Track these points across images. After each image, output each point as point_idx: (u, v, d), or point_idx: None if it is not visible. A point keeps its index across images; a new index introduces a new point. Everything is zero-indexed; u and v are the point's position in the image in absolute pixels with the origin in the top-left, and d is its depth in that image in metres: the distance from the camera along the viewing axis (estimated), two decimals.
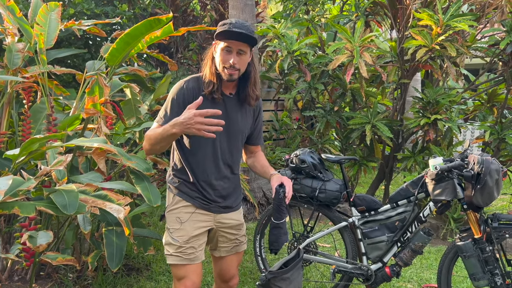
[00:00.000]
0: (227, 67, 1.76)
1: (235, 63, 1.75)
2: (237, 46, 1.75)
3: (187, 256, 1.82)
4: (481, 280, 2.23)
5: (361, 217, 2.58)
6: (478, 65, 7.53)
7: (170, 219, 1.90)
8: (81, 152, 2.78)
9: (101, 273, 2.88)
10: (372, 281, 2.53)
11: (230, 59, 1.74)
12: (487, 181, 2.12)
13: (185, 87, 1.81)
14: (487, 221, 2.25)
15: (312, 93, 4.24)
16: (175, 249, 1.83)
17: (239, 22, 1.76)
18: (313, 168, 2.64)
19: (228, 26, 1.73)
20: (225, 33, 1.73)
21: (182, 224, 1.85)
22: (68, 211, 1.86)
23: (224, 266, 2.02)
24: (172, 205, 1.91)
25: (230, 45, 1.74)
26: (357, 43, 3.59)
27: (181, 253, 1.82)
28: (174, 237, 1.84)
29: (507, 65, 3.76)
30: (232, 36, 1.72)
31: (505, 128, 3.82)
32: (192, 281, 1.83)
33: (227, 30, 1.72)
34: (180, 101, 1.79)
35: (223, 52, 1.76)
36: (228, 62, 1.75)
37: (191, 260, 1.83)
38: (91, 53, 5.22)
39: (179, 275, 1.85)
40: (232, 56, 1.74)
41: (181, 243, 1.83)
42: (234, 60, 1.75)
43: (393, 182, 5.01)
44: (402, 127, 4.16)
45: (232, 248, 2.01)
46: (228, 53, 1.75)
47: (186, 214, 1.86)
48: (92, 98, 2.63)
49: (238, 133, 1.91)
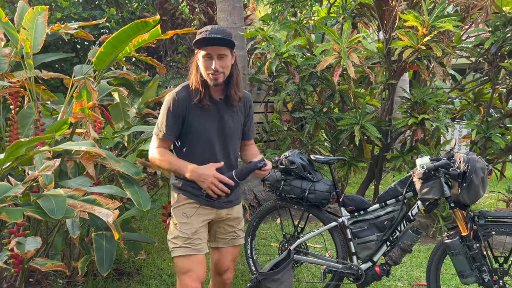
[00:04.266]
0: (211, 73, 1.82)
1: (217, 68, 1.81)
2: (216, 51, 1.81)
3: (195, 247, 1.91)
4: (469, 277, 2.26)
5: (350, 217, 2.60)
6: (465, 65, 7.62)
7: (176, 214, 1.98)
8: (69, 157, 2.77)
9: (92, 278, 2.86)
10: (363, 280, 2.54)
11: (212, 65, 1.81)
12: (473, 179, 2.15)
13: (178, 98, 1.88)
14: (474, 218, 2.28)
15: (301, 94, 4.27)
16: (184, 241, 1.91)
17: (214, 28, 1.83)
18: (302, 169, 2.66)
19: (205, 33, 1.80)
20: (202, 41, 1.80)
21: (188, 218, 1.94)
22: (55, 215, 1.85)
23: (220, 258, 2.09)
24: (177, 202, 2.00)
25: (209, 51, 1.80)
26: (345, 44, 3.62)
27: (190, 244, 1.91)
28: (182, 230, 1.92)
29: (492, 65, 3.82)
30: (209, 42, 1.79)
31: (491, 127, 3.88)
32: (198, 274, 1.90)
33: (204, 38, 1.79)
34: (174, 113, 1.88)
35: (205, 59, 1.82)
36: (211, 68, 1.81)
37: (199, 251, 1.92)
38: (79, 57, 5.20)
39: (185, 268, 1.91)
40: (213, 62, 1.81)
41: (189, 235, 1.91)
42: (216, 65, 1.81)
43: (383, 181, 5.05)
44: (390, 127, 4.20)
45: (230, 240, 2.09)
46: (209, 59, 1.81)
47: (192, 209, 1.96)
48: (80, 102, 2.62)
49: (233, 134, 2.00)
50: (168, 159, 1.89)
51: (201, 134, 1.92)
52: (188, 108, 1.88)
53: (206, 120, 1.91)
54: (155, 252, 3.54)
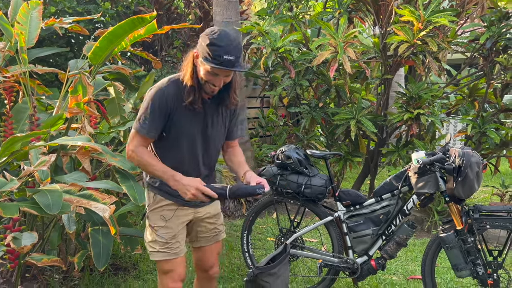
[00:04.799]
0: (209, 84, 1.71)
1: (220, 86, 1.72)
2: (225, 73, 1.69)
3: (173, 251, 1.87)
4: (463, 271, 2.29)
5: (346, 212, 2.62)
6: (460, 60, 7.65)
7: (153, 217, 1.90)
8: (65, 152, 2.75)
9: (88, 273, 2.86)
10: (358, 274, 2.56)
11: (214, 81, 1.70)
12: (468, 173, 2.16)
13: (166, 95, 1.75)
14: (468, 212, 2.30)
15: (297, 89, 4.27)
16: (162, 245, 1.86)
17: (228, 41, 1.64)
18: (298, 164, 2.66)
19: (219, 52, 1.61)
20: (215, 62, 1.63)
21: (167, 222, 1.88)
22: (52, 211, 1.84)
23: (204, 256, 2.06)
24: (154, 204, 1.91)
25: (217, 72, 1.67)
26: (341, 39, 3.62)
27: (167, 248, 1.86)
28: (159, 234, 1.86)
29: (487, 60, 3.83)
30: (224, 65, 1.63)
31: (486, 122, 3.90)
32: (178, 273, 1.89)
33: (218, 61, 1.62)
34: (160, 110, 1.75)
35: (209, 73, 1.68)
36: (212, 83, 1.70)
37: (177, 254, 1.88)
38: (74, 52, 5.16)
39: (166, 269, 1.88)
40: (218, 80, 1.70)
41: (167, 239, 1.86)
42: (220, 84, 1.72)
43: (378, 176, 5.08)
44: (386, 122, 4.21)
45: (213, 237, 2.05)
46: (214, 76, 1.69)
47: (170, 212, 1.89)
48: (76, 97, 2.61)
49: (216, 135, 1.91)
50: (149, 162, 1.77)
51: (184, 132, 1.82)
52: (176, 106, 1.75)
53: (191, 119, 1.81)
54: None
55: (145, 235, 1.94)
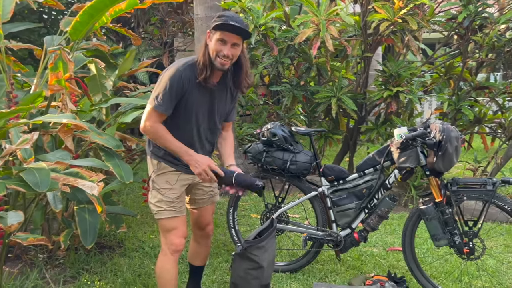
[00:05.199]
0: (220, 57, 1.86)
1: (229, 55, 1.86)
2: (232, 39, 1.85)
3: (179, 209, 2.04)
4: (441, 240, 2.40)
5: (330, 187, 2.68)
6: (434, 39, 7.80)
7: (159, 181, 2.04)
8: (45, 130, 2.70)
9: (73, 252, 2.85)
10: (342, 246, 2.65)
11: (224, 50, 1.85)
12: (448, 148, 2.25)
13: (183, 77, 1.89)
14: (447, 185, 2.40)
15: (279, 67, 4.27)
16: (168, 204, 2.01)
17: (235, 15, 1.87)
18: (284, 141, 2.70)
19: (225, 18, 1.83)
20: (222, 26, 1.83)
21: (172, 186, 2.03)
22: (40, 188, 1.82)
23: (201, 216, 2.25)
24: (159, 169, 2.04)
25: (225, 37, 1.85)
26: (323, 17, 3.63)
27: (174, 207, 2.02)
28: (166, 195, 2.02)
29: (463, 39, 3.93)
30: (229, 29, 1.83)
31: (461, 99, 4.03)
32: (182, 230, 2.06)
33: (224, 23, 1.82)
34: (177, 90, 1.89)
35: (218, 42, 1.86)
36: (222, 52, 1.86)
37: (182, 213, 2.06)
38: (47, 28, 4.99)
39: (171, 227, 2.03)
40: (226, 48, 1.86)
41: (173, 199, 2.03)
42: (228, 52, 1.86)
43: (357, 154, 5.19)
44: (365, 100, 4.29)
45: (208, 199, 2.23)
46: (223, 44, 1.86)
47: (174, 176, 2.04)
48: (56, 74, 2.54)
49: (220, 115, 2.10)
50: (166, 138, 1.93)
51: (194, 111, 1.97)
52: (190, 88, 1.91)
53: (202, 99, 1.97)
54: (135, 226, 3.55)
55: (150, 197, 2.07)
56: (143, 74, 5.55)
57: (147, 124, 1.93)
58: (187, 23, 6.04)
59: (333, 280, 2.70)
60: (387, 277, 2.69)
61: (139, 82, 5.62)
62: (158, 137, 1.94)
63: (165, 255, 2.05)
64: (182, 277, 2.66)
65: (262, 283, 2.21)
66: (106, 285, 2.59)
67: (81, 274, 2.70)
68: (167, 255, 2.05)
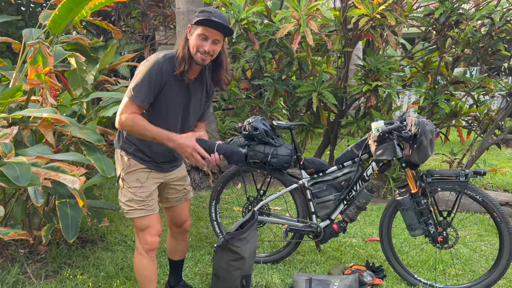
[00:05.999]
0: (200, 52, 1.85)
1: (210, 51, 1.85)
2: (213, 35, 1.84)
3: (150, 208, 2.01)
4: (417, 230, 2.49)
5: (310, 179, 2.74)
6: (414, 34, 7.95)
7: (129, 179, 2.01)
8: (25, 125, 2.67)
9: (55, 247, 2.85)
10: (322, 237, 2.72)
11: (205, 46, 1.84)
12: (423, 141, 2.33)
13: (162, 69, 1.86)
14: (422, 177, 2.48)
15: (260, 62, 4.30)
16: (139, 203, 1.99)
17: (217, 12, 1.85)
18: (265, 135, 2.74)
19: (208, 14, 1.82)
20: (204, 21, 1.82)
21: (143, 184, 2.01)
22: (20, 182, 1.82)
23: (177, 214, 2.25)
24: (129, 167, 2.01)
25: (207, 33, 1.83)
26: (304, 12, 3.67)
27: (145, 205, 2.00)
28: (137, 193, 1.99)
29: (440, 34, 4.03)
30: (211, 25, 1.82)
31: (438, 93, 4.13)
32: (156, 229, 2.03)
33: (206, 19, 1.81)
34: (155, 83, 1.86)
35: (199, 37, 1.84)
36: (203, 48, 1.84)
37: (153, 211, 2.03)
38: (25, 21, 4.90)
39: (144, 226, 2.01)
40: (207, 44, 1.84)
41: (144, 198, 2.00)
42: (209, 48, 1.85)
43: (337, 147, 5.27)
44: (346, 94, 4.36)
45: (182, 197, 2.23)
46: (204, 39, 1.84)
47: (144, 174, 2.02)
48: (35, 68, 2.52)
49: (195, 112, 2.08)
50: (145, 127, 1.87)
51: (170, 105, 1.95)
52: (169, 81, 1.89)
53: (177, 94, 1.94)
54: (118, 220, 3.55)
55: (120, 196, 2.04)
56: (125, 68, 5.50)
57: (122, 117, 1.86)
58: (168, 16, 6.00)
59: (313, 270, 2.77)
60: (365, 266, 2.77)
61: (120, 76, 5.58)
62: (137, 127, 1.86)
63: (141, 253, 2.04)
64: (165, 270, 2.69)
65: (244, 274, 2.26)
66: (88, 279, 2.60)
67: (63, 269, 2.70)
68: (142, 254, 2.03)
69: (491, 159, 5.77)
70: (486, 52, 3.99)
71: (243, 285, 2.27)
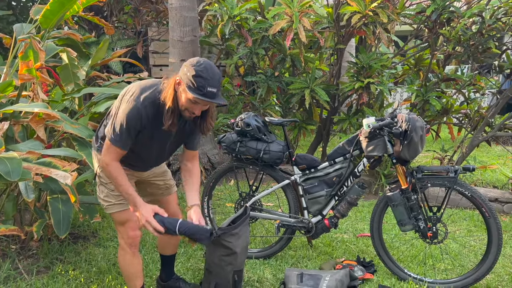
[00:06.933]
0: (189, 111, 1.85)
1: (198, 114, 1.87)
2: (204, 103, 1.83)
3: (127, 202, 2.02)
4: (407, 225, 2.52)
5: (302, 175, 2.76)
6: (407, 31, 7.99)
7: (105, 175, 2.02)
8: (16, 120, 2.66)
9: (46, 242, 2.84)
10: (313, 232, 2.74)
11: (194, 109, 1.84)
12: (413, 137, 2.35)
13: (143, 115, 1.84)
14: (412, 173, 2.51)
15: (253, 58, 4.30)
16: (116, 198, 2.03)
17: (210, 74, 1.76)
18: (257, 131, 2.75)
19: (203, 84, 1.75)
20: (199, 93, 1.76)
21: None
22: (12, 177, 1.82)
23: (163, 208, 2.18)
24: None
25: (199, 101, 1.80)
26: (296, 9, 3.68)
27: (122, 200, 2.02)
28: (113, 189, 2.02)
29: (432, 32, 4.06)
30: (206, 96, 1.77)
31: (429, 90, 4.17)
32: (135, 223, 2.03)
33: (201, 93, 1.75)
34: (137, 127, 1.86)
35: (190, 101, 1.81)
36: (193, 111, 1.84)
37: None
38: (16, 16, 4.86)
39: (124, 219, 2.05)
40: (197, 108, 1.84)
41: None
42: (199, 111, 1.86)
43: (330, 144, 5.30)
44: (338, 91, 4.38)
45: (165, 190, 2.28)
46: (195, 104, 1.82)
47: None
48: (26, 63, 2.51)
49: (177, 145, 2.14)
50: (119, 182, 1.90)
51: (148, 144, 1.97)
52: (149, 125, 1.88)
53: (157, 134, 1.94)
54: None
55: (98, 192, 2.07)
56: (117, 63, 5.47)
57: (105, 160, 1.89)
58: (161, 12, 5.97)
59: (304, 266, 2.79)
60: (356, 261, 2.80)
61: (112, 71, 5.54)
62: (112, 177, 1.92)
63: (123, 249, 2.07)
64: (157, 265, 2.70)
65: (236, 269, 2.27)
66: (80, 274, 2.60)
67: (55, 264, 2.70)
68: (125, 249, 2.06)
69: (482, 156, 5.84)
70: (477, 50, 4.03)
71: (235, 280, 2.28)
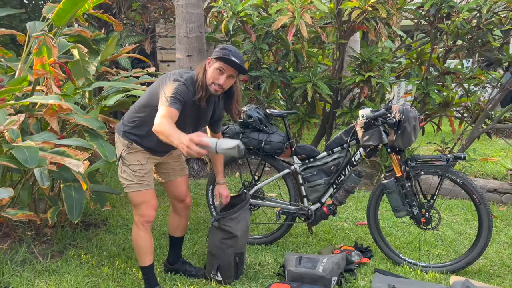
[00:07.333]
0: (215, 84, 2.10)
1: (223, 84, 2.10)
2: (229, 71, 2.10)
3: (148, 183, 2.23)
4: (401, 211, 2.63)
5: (301, 164, 2.89)
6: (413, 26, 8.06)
7: (130, 158, 2.21)
8: (31, 113, 2.82)
9: (60, 229, 3.00)
10: (312, 219, 2.87)
11: (220, 80, 2.09)
12: (406, 127, 2.46)
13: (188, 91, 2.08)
14: (406, 161, 2.62)
15: (257, 53, 4.42)
16: (138, 178, 2.20)
17: (236, 51, 2.10)
18: (259, 122, 2.88)
19: (228, 53, 2.07)
20: (223, 59, 2.06)
21: (142, 163, 2.21)
22: (29, 164, 1.97)
23: (177, 188, 2.47)
24: (131, 149, 2.23)
25: (224, 68, 2.08)
26: (298, 4, 3.78)
27: (144, 181, 2.21)
28: (136, 170, 2.20)
29: (431, 26, 4.13)
30: (230, 63, 2.07)
31: (430, 84, 4.25)
32: (152, 203, 2.24)
33: (226, 58, 2.05)
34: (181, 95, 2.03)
35: (216, 71, 2.09)
36: (218, 81, 2.09)
37: (150, 186, 2.24)
38: (28, 14, 5.03)
39: (141, 200, 2.21)
40: (223, 77, 2.10)
41: (143, 174, 2.22)
42: (224, 82, 2.10)
43: (333, 136, 5.40)
44: (340, 85, 4.48)
45: (180, 170, 2.47)
46: (220, 73, 2.09)
47: (144, 158, 2.25)
48: (40, 58, 2.66)
49: (204, 124, 2.36)
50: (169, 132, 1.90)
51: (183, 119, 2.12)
52: (189, 101, 2.10)
53: (191, 109, 2.14)
54: (119, 205, 3.71)
55: (120, 171, 2.24)
56: (125, 59, 5.63)
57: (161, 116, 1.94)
58: (168, 9, 6.11)
59: (304, 251, 2.92)
60: (354, 247, 2.92)
61: (121, 67, 5.70)
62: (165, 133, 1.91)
63: (137, 226, 2.24)
64: (165, 250, 2.85)
65: (237, 251, 2.41)
66: (92, 258, 2.76)
67: (68, 249, 2.86)
68: (139, 226, 2.23)
69: (484, 149, 5.90)
70: (476, 44, 4.10)
71: (236, 261, 2.42)
